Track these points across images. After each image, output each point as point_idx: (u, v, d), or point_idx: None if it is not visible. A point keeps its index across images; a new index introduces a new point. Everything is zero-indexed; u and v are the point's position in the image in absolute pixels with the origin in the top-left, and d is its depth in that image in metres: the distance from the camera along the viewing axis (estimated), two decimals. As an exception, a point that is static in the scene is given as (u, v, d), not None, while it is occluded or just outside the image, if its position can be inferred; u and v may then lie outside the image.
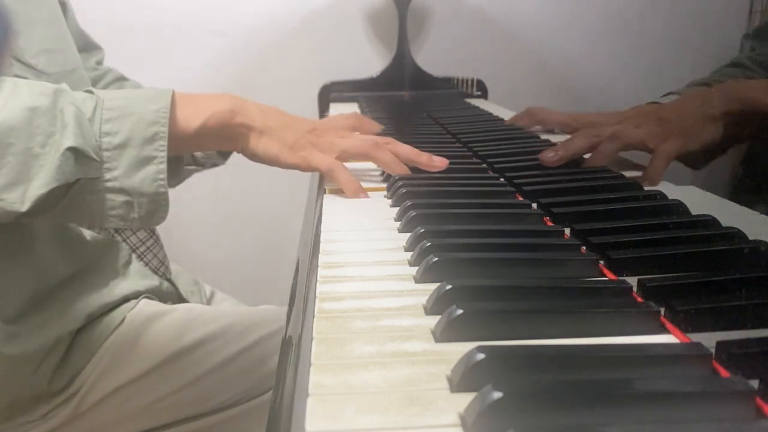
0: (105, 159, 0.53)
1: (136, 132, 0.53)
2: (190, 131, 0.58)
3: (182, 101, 0.58)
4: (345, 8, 1.55)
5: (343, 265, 0.42)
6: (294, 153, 0.61)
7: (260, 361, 0.75)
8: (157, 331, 0.74)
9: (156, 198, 0.54)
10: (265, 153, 0.61)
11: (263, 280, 1.61)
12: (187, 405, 0.73)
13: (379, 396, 0.27)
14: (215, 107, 0.59)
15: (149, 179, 0.53)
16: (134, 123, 0.54)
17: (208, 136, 0.59)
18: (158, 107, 0.55)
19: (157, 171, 0.53)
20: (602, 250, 0.42)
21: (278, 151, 0.60)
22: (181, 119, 0.57)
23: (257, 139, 0.60)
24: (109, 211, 0.54)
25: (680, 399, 0.25)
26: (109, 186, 0.53)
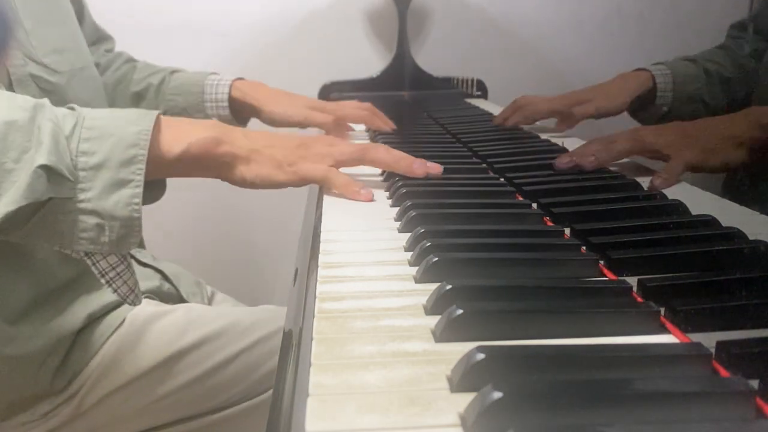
0: (80, 179, 0.51)
1: (114, 153, 0.51)
2: (171, 156, 0.55)
3: (166, 125, 0.56)
4: (345, 8, 1.55)
5: (343, 265, 0.42)
6: (284, 170, 0.59)
7: (260, 360, 0.75)
8: (157, 331, 0.74)
9: (128, 223, 0.52)
10: (255, 178, 0.59)
11: (263, 280, 1.61)
12: (187, 405, 0.73)
13: (379, 396, 0.27)
14: (199, 134, 0.57)
15: (123, 203, 0.51)
16: (113, 144, 0.52)
17: (190, 163, 0.57)
18: (139, 129, 0.53)
19: (132, 195, 0.51)
20: (602, 250, 0.42)
21: (268, 172, 0.59)
22: (163, 143, 0.55)
23: (245, 167, 0.59)
24: (80, 233, 0.51)
25: (680, 399, 0.25)
26: (81, 207, 0.51)
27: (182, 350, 0.73)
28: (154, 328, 0.74)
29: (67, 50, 0.76)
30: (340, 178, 0.59)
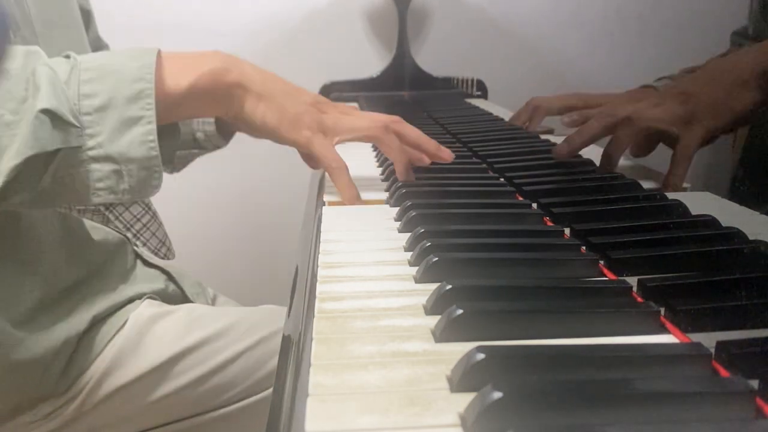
0: (86, 124, 0.47)
1: (118, 91, 0.48)
2: (180, 91, 0.52)
3: (169, 59, 0.53)
4: (345, 8, 1.55)
5: (343, 265, 0.42)
6: (295, 128, 0.54)
7: (262, 360, 0.75)
8: (160, 331, 0.74)
9: (147, 163, 0.48)
10: (263, 121, 0.55)
11: (263, 280, 1.60)
12: (190, 403, 0.73)
13: (379, 396, 0.27)
14: (207, 64, 0.54)
15: (137, 142, 0.48)
16: (116, 81, 0.48)
17: (200, 97, 0.53)
18: (142, 63, 0.50)
19: (146, 132, 0.48)
20: (602, 250, 0.42)
21: (278, 122, 0.54)
22: (168, 77, 0.52)
23: (255, 104, 0.54)
24: (97, 184, 0.48)
25: (680, 399, 0.25)
26: (93, 155, 0.47)
27: (185, 350, 0.73)
28: (157, 328, 0.74)
29: None
30: (344, 177, 0.56)
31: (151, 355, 0.72)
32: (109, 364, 0.70)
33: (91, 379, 0.70)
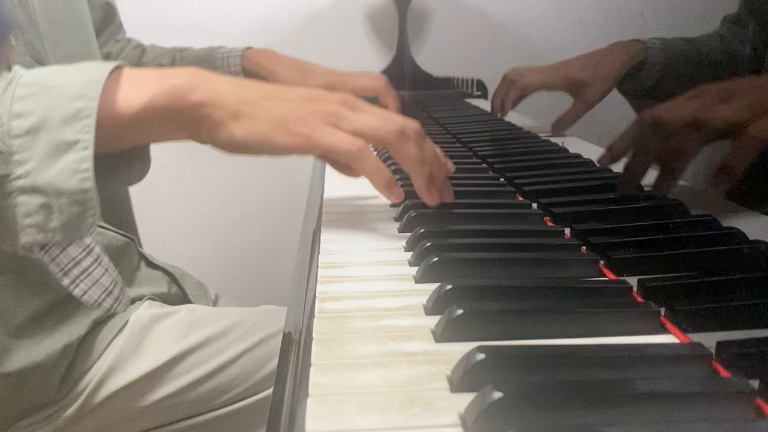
0: (15, 149, 0.40)
1: (53, 110, 0.41)
2: (131, 112, 0.44)
3: (129, 75, 0.45)
4: (345, 8, 1.55)
5: (343, 265, 0.42)
6: (291, 130, 0.44)
7: (263, 360, 0.75)
8: (160, 333, 0.73)
9: (79, 197, 0.41)
10: (247, 138, 0.44)
11: (263, 280, 1.61)
12: (190, 404, 0.73)
13: (379, 396, 0.27)
14: (166, 81, 0.45)
15: (68, 170, 0.40)
16: (53, 99, 0.41)
17: (157, 120, 0.45)
18: (88, 79, 0.42)
19: (80, 159, 0.40)
20: (602, 250, 0.42)
21: (267, 130, 0.44)
22: (120, 95, 0.44)
23: (233, 123, 0.44)
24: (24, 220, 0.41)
25: (680, 399, 0.25)
26: (20, 185, 0.40)
27: (185, 351, 0.73)
28: (157, 329, 0.74)
29: (81, 56, 0.75)
30: (371, 160, 0.44)
31: (151, 357, 0.72)
32: (109, 366, 0.70)
33: (92, 381, 0.70)
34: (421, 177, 0.46)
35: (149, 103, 0.44)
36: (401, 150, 0.45)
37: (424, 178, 0.46)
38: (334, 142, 0.44)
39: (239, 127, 0.44)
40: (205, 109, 0.44)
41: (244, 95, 0.45)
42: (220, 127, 0.45)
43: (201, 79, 0.45)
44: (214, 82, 0.45)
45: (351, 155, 0.44)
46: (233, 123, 0.44)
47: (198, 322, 0.75)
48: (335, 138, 0.44)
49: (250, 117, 0.44)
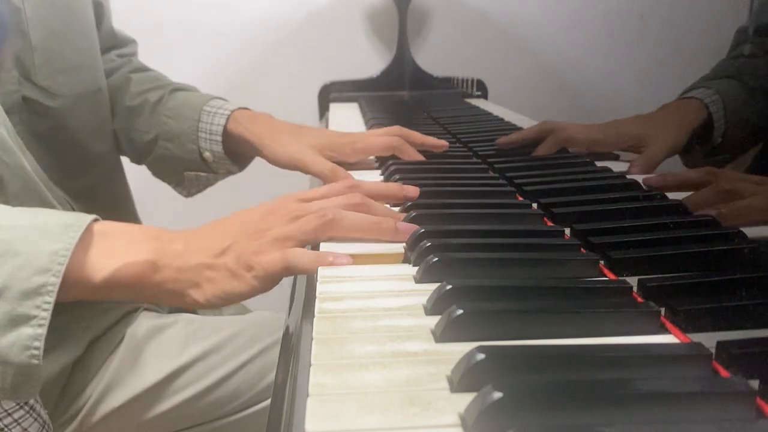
0: None
1: (15, 280, 0.41)
2: (94, 282, 0.44)
3: (100, 237, 0.46)
4: (345, 8, 1.55)
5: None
6: (243, 278, 0.46)
7: (263, 371, 0.74)
8: (157, 347, 0.72)
9: (25, 371, 0.41)
10: (213, 299, 0.46)
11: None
12: (190, 417, 0.73)
13: (379, 396, 0.27)
14: (130, 257, 0.46)
15: (19, 346, 0.40)
16: (17, 267, 0.41)
17: (120, 291, 0.46)
18: (56, 249, 0.42)
19: (32, 336, 0.41)
20: (602, 250, 0.42)
21: (225, 287, 0.46)
22: (87, 264, 0.44)
23: (196, 291, 0.46)
24: None
25: (680, 399, 0.25)
26: None
27: (183, 366, 0.71)
28: (154, 344, 0.72)
29: (84, 68, 0.72)
30: (304, 258, 0.44)
31: (148, 373, 0.70)
32: (106, 384, 0.69)
33: (89, 400, 0.68)
34: (380, 232, 0.47)
35: (112, 277, 0.45)
36: (346, 227, 0.47)
37: (384, 230, 0.47)
38: (274, 270, 0.45)
39: (203, 293, 0.46)
40: (166, 286, 0.46)
41: (199, 259, 0.46)
42: (183, 296, 0.47)
43: (163, 252, 0.46)
44: (174, 253, 0.47)
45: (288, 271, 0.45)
46: (195, 291, 0.46)
47: (195, 335, 0.74)
48: (271, 265, 0.45)
49: (208, 280, 0.46)
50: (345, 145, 0.72)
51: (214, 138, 0.78)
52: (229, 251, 0.46)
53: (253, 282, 0.45)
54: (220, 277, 0.46)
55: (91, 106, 0.73)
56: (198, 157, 0.79)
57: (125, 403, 0.69)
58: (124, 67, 0.86)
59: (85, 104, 0.72)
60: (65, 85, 0.68)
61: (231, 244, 0.47)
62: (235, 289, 0.46)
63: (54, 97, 0.66)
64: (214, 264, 0.46)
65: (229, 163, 0.80)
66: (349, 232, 0.47)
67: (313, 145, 0.72)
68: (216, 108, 0.79)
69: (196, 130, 0.78)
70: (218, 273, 0.46)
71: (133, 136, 0.81)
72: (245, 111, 0.80)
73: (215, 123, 0.78)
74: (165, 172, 0.84)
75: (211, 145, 0.78)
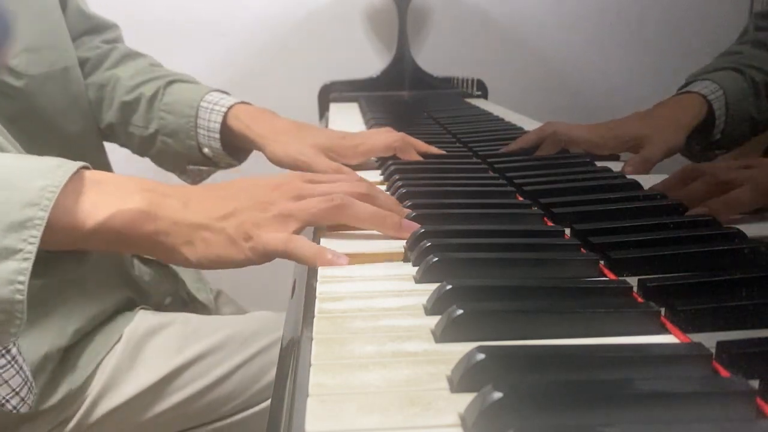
0: None
1: (3, 212, 0.40)
2: (83, 228, 0.43)
3: (91, 183, 0.45)
4: (345, 8, 1.55)
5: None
6: (240, 246, 0.45)
7: (262, 371, 0.74)
8: (155, 348, 0.72)
9: (7, 307, 0.40)
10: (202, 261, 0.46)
11: (263, 280, 1.60)
12: (189, 417, 0.72)
13: (379, 396, 0.27)
14: (123, 204, 0.44)
15: (3, 279, 0.39)
16: (5, 200, 0.40)
17: (110, 239, 0.45)
18: (45, 184, 0.41)
19: (17, 270, 0.40)
20: (602, 250, 0.42)
21: (220, 251, 0.46)
22: (77, 208, 0.43)
23: (188, 248, 0.46)
24: None
25: (680, 399, 0.25)
26: None
27: (182, 365, 0.71)
28: (152, 343, 0.72)
29: (45, 48, 0.70)
30: (305, 249, 0.44)
31: (146, 374, 0.70)
32: (104, 384, 0.69)
33: (86, 400, 0.68)
34: (385, 226, 0.47)
35: (103, 223, 0.44)
36: (352, 216, 0.47)
37: (389, 224, 0.47)
38: (273, 248, 0.45)
39: (195, 252, 0.46)
40: (158, 237, 0.45)
41: (196, 218, 0.46)
42: (175, 253, 0.46)
43: (157, 203, 0.46)
44: (169, 207, 0.46)
45: (286, 255, 0.45)
46: (188, 248, 0.46)
47: (194, 335, 0.74)
48: (272, 243, 0.45)
49: (203, 241, 0.46)
50: (348, 147, 0.72)
51: (212, 135, 0.77)
52: (230, 217, 0.46)
53: (248, 253, 0.45)
54: (216, 240, 0.46)
55: (58, 85, 0.72)
56: (198, 152, 0.79)
57: (124, 403, 0.69)
58: (112, 54, 0.84)
59: (52, 83, 0.71)
60: (33, 63, 0.67)
61: (233, 211, 0.46)
62: (229, 256, 0.45)
63: (20, 76, 0.66)
64: (213, 226, 0.46)
65: (230, 158, 0.80)
66: (354, 221, 0.47)
67: (316, 145, 0.71)
68: (213, 103, 0.77)
69: (195, 126, 0.77)
70: (215, 236, 0.46)
71: (131, 130, 0.81)
72: (247, 107, 0.79)
73: (212, 120, 0.77)
74: (167, 164, 0.84)
75: (210, 141, 0.78)
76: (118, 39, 0.88)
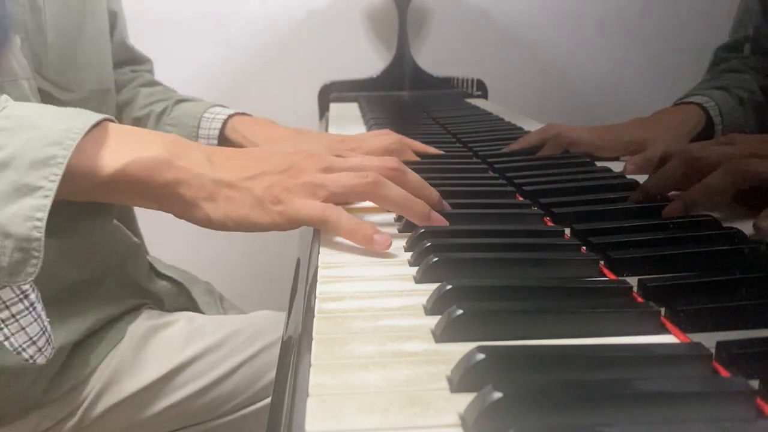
0: None
1: (26, 150, 0.40)
2: (103, 173, 0.43)
3: (115, 133, 0.44)
4: (345, 8, 1.55)
5: (343, 265, 0.42)
6: (267, 209, 0.44)
7: (263, 369, 0.74)
8: (158, 344, 0.73)
9: (25, 245, 0.39)
10: (226, 221, 0.45)
11: (263, 280, 1.61)
12: (191, 414, 0.73)
13: (379, 396, 0.27)
14: (144, 151, 0.44)
15: (21, 216, 0.39)
16: (29, 139, 0.40)
17: (129, 188, 0.44)
18: (69, 126, 0.41)
19: (36, 207, 0.39)
20: (602, 250, 0.42)
21: (244, 212, 0.44)
22: (98, 154, 0.43)
23: (209, 204, 0.44)
24: None
25: (680, 399, 0.25)
26: None
27: (184, 362, 0.72)
28: (155, 341, 0.73)
29: (93, 68, 0.73)
30: (344, 220, 0.44)
31: (149, 370, 0.71)
32: (107, 380, 0.69)
33: (90, 394, 0.69)
34: (413, 213, 0.46)
35: (122, 169, 0.43)
36: (383, 196, 0.46)
37: (418, 212, 0.46)
38: (307, 214, 0.44)
39: (216, 209, 0.44)
40: (178, 188, 0.44)
41: (221, 174, 0.45)
42: (195, 208, 0.44)
43: (179, 155, 0.44)
44: (192, 159, 0.45)
45: (322, 223, 0.44)
46: (209, 204, 0.44)
47: (196, 333, 0.74)
48: (307, 210, 0.44)
49: (227, 199, 0.44)
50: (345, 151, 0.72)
51: (211, 142, 0.79)
52: (259, 178, 0.45)
53: (276, 217, 0.44)
54: (242, 199, 0.44)
55: (98, 104, 0.75)
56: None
57: (126, 399, 0.70)
58: (135, 80, 0.88)
59: (93, 103, 0.73)
60: (74, 81, 0.70)
61: (262, 172, 0.45)
62: (256, 218, 0.44)
63: (64, 90, 0.69)
64: (239, 185, 0.44)
65: None
66: (384, 202, 0.46)
67: None
68: (215, 114, 0.80)
69: (196, 136, 0.80)
70: (241, 195, 0.44)
71: None
72: (244, 117, 0.80)
73: (212, 128, 0.79)
74: None
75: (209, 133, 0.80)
76: (149, 71, 0.92)
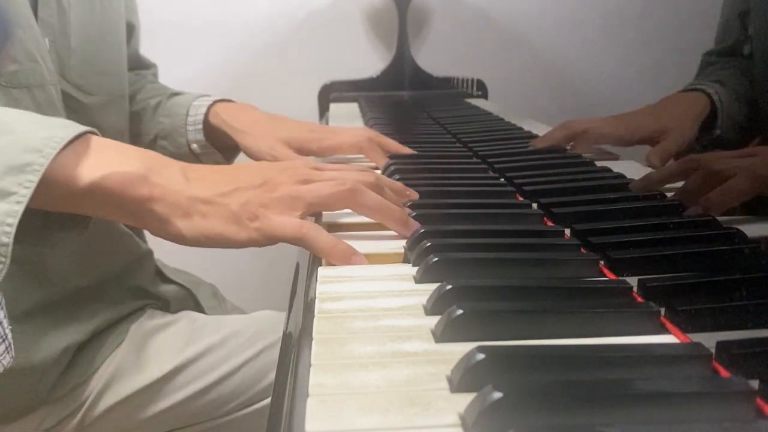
0: None
1: (3, 154, 0.40)
2: (78, 184, 0.42)
3: (97, 147, 0.44)
4: (345, 8, 1.55)
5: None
6: (244, 225, 0.44)
7: (264, 370, 0.74)
8: (160, 344, 0.73)
9: None
10: (199, 236, 0.44)
11: (263, 280, 1.61)
12: (192, 414, 0.73)
13: (379, 396, 0.27)
14: (120, 166, 0.43)
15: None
16: (8, 144, 0.40)
17: (103, 202, 0.43)
18: (51, 135, 0.41)
19: (7, 212, 0.39)
20: (602, 250, 0.42)
21: (221, 228, 0.44)
22: (76, 165, 0.42)
23: (182, 221, 0.44)
24: None
25: (680, 399, 0.25)
26: None
27: (185, 362, 0.72)
28: (157, 340, 0.73)
29: (112, 74, 0.75)
30: (321, 239, 0.43)
31: (151, 369, 0.71)
32: (108, 378, 0.70)
33: (92, 393, 0.69)
34: (391, 219, 0.46)
35: (98, 182, 0.43)
36: (361, 203, 0.46)
37: (395, 219, 0.46)
38: (284, 232, 0.43)
39: (190, 226, 0.44)
40: (152, 204, 0.44)
41: (197, 191, 0.44)
42: (168, 225, 0.44)
43: (156, 171, 0.44)
44: (168, 175, 0.44)
45: (298, 241, 0.44)
46: (183, 221, 0.44)
47: (198, 333, 0.75)
48: (283, 227, 0.44)
49: (202, 216, 0.44)
50: (313, 141, 0.74)
51: (197, 128, 0.81)
52: (235, 194, 0.44)
53: (253, 234, 0.44)
54: (217, 215, 0.44)
55: (117, 109, 0.77)
56: (187, 149, 0.82)
57: (126, 398, 0.70)
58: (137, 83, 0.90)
59: (111, 107, 0.75)
60: (96, 85, 0.71)
61: (238, 188, 0.45)
62: (231, 235, 0.44)
63: (87, 93, 0.70)
64: (214, 201, 0.44)
65: (216, 155, 0.83)
66: (362, 209, 0.46)
67: (283, 139, 0.74)
68: (201, 102, 0.82)
69: (185, 124, 0.82)
70: (216, 211, 0.44)
71: (137, 140, 0.85)
72: (226, 104, 0.82)
73: (198, 114, 0.81)
74: None
75: (195, 135, 0.81)
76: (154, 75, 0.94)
